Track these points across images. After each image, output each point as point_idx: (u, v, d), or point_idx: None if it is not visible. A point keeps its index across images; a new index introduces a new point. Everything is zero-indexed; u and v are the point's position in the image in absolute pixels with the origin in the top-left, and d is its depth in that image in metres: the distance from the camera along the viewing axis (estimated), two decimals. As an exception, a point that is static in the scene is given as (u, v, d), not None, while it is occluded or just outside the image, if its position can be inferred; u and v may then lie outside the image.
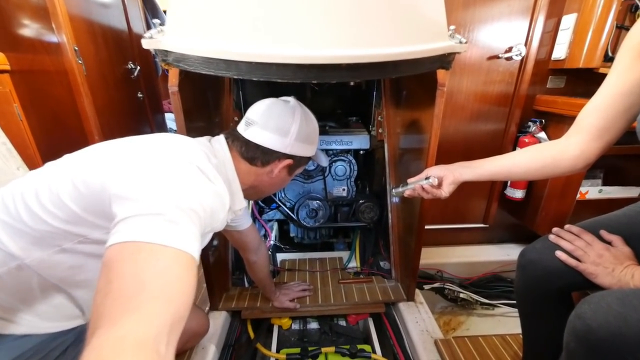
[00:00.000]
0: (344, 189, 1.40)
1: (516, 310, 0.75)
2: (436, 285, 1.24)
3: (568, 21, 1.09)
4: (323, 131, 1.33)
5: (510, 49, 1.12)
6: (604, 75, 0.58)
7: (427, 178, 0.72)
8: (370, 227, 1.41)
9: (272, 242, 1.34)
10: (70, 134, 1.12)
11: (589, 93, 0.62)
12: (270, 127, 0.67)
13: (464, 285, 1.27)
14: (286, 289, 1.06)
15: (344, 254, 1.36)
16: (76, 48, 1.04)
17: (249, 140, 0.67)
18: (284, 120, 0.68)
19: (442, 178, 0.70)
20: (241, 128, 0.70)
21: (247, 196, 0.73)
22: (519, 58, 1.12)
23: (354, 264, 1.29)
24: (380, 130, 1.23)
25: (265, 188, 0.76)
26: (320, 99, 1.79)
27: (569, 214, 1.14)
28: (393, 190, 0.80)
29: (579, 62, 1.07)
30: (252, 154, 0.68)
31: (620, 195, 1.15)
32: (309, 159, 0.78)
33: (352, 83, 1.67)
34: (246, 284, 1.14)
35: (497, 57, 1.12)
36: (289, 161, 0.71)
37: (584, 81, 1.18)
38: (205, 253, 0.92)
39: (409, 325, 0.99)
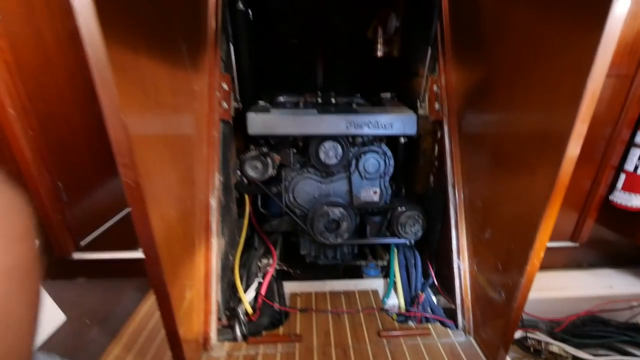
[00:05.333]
0: (375, 192, 1.01)
1: None
2: (524, 337, 0.85)
3: None
4: (349, 110, 0.94)
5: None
6: None
7: None
8: (412, 244, 1.03)
9: (275, 268, 0.94)
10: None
11: None
12: None
13: (554, 333, 0.88)
14: None
15: (379, 283, 0.97)
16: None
17: None
18: None
19: None
20: None
21: None
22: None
23: (395, 300, 0.89)
24: (436, 106, 0.84)
25: None
26: (340, 67, 1.41)
27: None
28: None
29: None
30: None
31: None
32: None
33: (379, 50, 1.29)
34: (239, 337, 0.75)
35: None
36: None
37: None
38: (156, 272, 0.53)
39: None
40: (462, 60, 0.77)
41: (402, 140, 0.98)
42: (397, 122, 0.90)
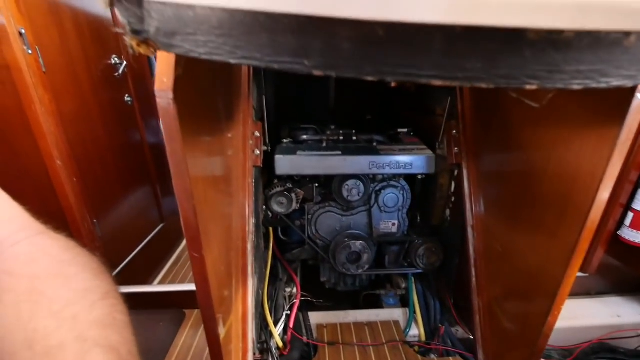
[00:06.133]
0: (393, 224, 1.07)
1: None
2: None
3: None
4: (370, 150, 0.99)
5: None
6: None
7: None
8: (428, 274, 1.08)
9: (299, 299, 0.99)
10: (19, 157, 0.78)
11: None
12: None
13: (566, 362, 0.93)
14: None
15: (399, 313, 1.02)
16: (22, 31, 0.70)
17: None
18: None
19: None
20: None
21: None
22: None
23: (416, 331, 0.94)
24: (455, 150, 0.89)
25: None
26: (353, 101, 1.46)
27: None
28: None
29: None
30: None
31: None
32: None
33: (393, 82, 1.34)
34: (272, 371, 0.80)
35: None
36: None
37: None
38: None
39: None
40: (482, 110, 0.81)
41: (420, 177, 1.03)
42: (417, 162, 0.95)
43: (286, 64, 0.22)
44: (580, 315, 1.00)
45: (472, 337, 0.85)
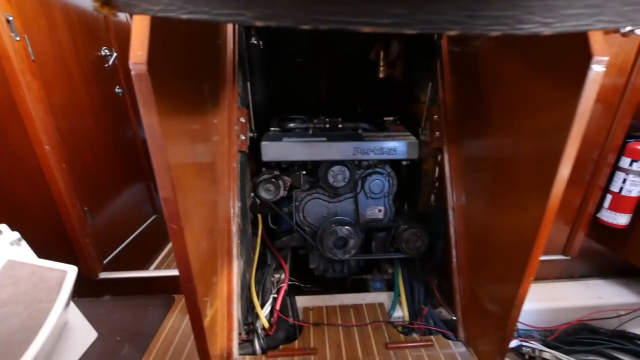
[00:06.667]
0: (380, 210, 1.09)
1: None
2: (520, 346, 0.93)
3: None
4: (355, 136, 1.01)
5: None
6: None
7: None
8: (414, 259, 1.10)
9: (287, 284, 1.01)
10: (10, 143, 0.80)
11: None
12: None
13: (547, 342, 0.95)
14: None
15: (385, 297, 1.04)
16: (10, 18, 0.72)
17: None
18: None
19: None
20: None
21: None
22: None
23: (400, 312, 0.97)
24: (437, 135, 0.91)
25: None
26: (343, 86, 1.48)
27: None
28: None
29: None
30: None
31: None
32: None
33: (381, 72, 1.36)
34: (258, 351, 0.82)
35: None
36: None
37: None
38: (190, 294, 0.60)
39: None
40: (461, 95, 0.84)
41: (405, 162, 1.05)
42: (401, 148, 0.97)
43: (230, 17, 0.24)
44: (562, 297, 1.02)
45: (454, 318, 0.88)
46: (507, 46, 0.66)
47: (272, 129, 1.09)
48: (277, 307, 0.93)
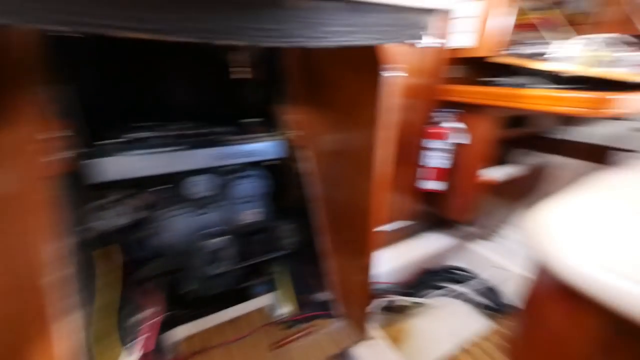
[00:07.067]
0: (255, 213, 1.08)
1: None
2: (385, 302, 1.10)
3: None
4: (212, 142, 0.95)
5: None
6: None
7: None
8: (294, 253, 1.14)
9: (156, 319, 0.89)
10: None
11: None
12: None
13: (403, 291, 1.18)
14: None
15: (269, 298, 1.04)
16: None
17: None
18: None
19: None
20: None
21: None
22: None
23: (285, 309, 0.99)
24: (296, 132, 0.96)
25: None
26: (197, 94, 1.37)
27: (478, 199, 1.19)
28: None
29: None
30: None
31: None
32: None
33: (234, 73, 1.32)
34: None
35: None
36: None
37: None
38: None
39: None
40: (314, 94, 0.91)
41: (271, 162, 1.07)
42: (264, 149, 0.98)
43: None
44: (409, 253, 1.28)
45: (331, 298, 0.96)
46: (332, 51, 0.75)
47: (111, 141, 0.91)
48: (151, 347, 0.80)
